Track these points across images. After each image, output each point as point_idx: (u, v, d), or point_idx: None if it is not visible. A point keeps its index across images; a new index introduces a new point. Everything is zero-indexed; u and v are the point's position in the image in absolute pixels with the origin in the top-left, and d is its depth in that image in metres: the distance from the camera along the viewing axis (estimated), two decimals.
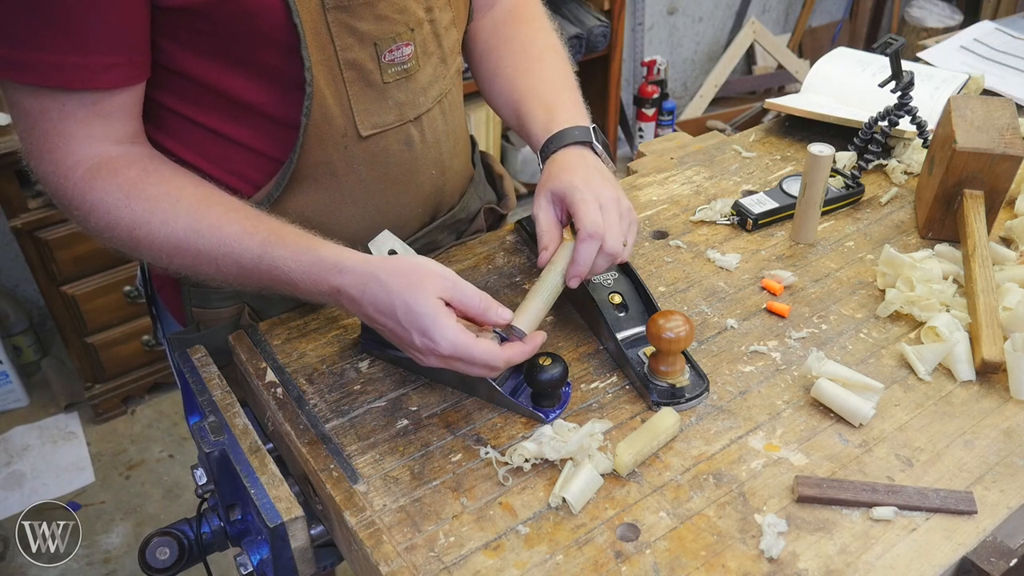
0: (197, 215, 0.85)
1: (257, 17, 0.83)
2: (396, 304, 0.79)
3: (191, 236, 0.85)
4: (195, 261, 0.86)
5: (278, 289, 0.87)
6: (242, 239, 0.84)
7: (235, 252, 0.84)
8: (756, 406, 0.91)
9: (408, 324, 0.79)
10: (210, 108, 0.91)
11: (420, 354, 0.82)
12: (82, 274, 2.17)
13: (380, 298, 0.80)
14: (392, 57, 0.93)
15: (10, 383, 2.43)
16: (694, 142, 1.39)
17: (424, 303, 0.79)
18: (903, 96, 1.18)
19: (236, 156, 0.94)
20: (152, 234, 0.85)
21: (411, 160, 1.02)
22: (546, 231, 0.92)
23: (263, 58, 0.87)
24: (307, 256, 0.83)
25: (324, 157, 0.95)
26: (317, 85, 0.89)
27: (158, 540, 0.88)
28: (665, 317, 0.86)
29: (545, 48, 1.10)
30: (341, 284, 0.82)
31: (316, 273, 0.83)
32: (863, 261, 1.12)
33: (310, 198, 0.98)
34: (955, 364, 0.94)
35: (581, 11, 2.93)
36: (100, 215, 0.85)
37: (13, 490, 2.25)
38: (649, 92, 3.37)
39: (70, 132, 0.83)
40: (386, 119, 0.96)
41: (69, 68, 0.79)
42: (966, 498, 0.79)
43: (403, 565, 0.75)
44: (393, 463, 0.85)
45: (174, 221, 0.84)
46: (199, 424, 0.88)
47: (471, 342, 0.79)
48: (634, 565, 0.75)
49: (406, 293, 0.79)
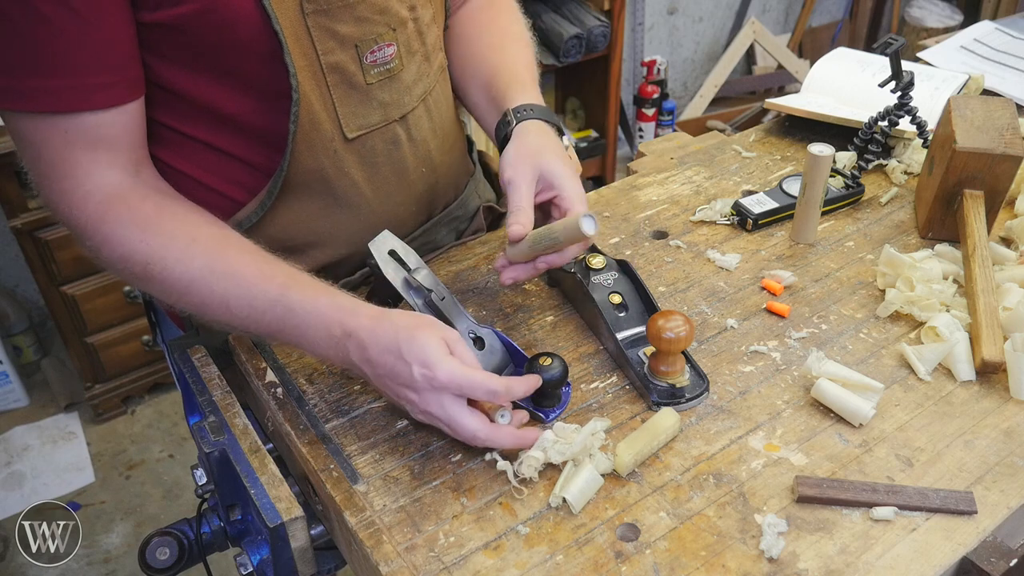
0: (214, 255, 0.84)
1: (236, 27, 0.82)
2: (400, 336, 0.79)
3: (207, 275, 0.84)
4: (206, 300, 0.85)
5: (284, 336, 0.85)
6: (260, 282, 0.84)
7: (251, 295, 0.84)
8: (756, 406, 0.91)
9: (409, 355, 0.78)
10: (199, 121, 0.91)
11: (416, 394, 0.80)
12: (82, 274, 2.17)
13: (388, 335, 0.79)
14: (374, 58, 0.93)
15: (10, 383, 2.43)
16: (694, 142, 1.39)
17: (428, 336, 0.79)
18: (903, 96, 1.17)
19: (229, 165, 0.95)
20: (167, 270, 0.84)
21: (400, 159, 1.01)
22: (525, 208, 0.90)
23: (247, 68, 0.87)
24: (324, 298, 0.83)
25: (315, 163, 0.94)
26: (303, 91, 0.89)
27: (158, 540, 0.88)
28: (665, 317, 0.86)
29: (519, 38, 1.12)
30: (356, 327, 0.81)
31: (332, 315, 0.82)
32: (863, 261, 1.12)
33: (304, 203, 0.98)
34: (955, 364, 0.94)
35: (581, 11, 2.93)
36: (114, 246, 0.84)
37: (13, 490, 2.26)
38: (649, 92, 3.37)
39: (75, 159, 0.83)
40: (371, 120, 0.96)
41: (60, 91, 0.79)
42: (966, 498, 0.79)
43: (403, 565, 0.75)
44: (393, 463, 0.85)
45: (190, 260, 0.84)
46: (199, 424, 0.88)
47: (471, 371, 0.79)
48: (634, 565, 0.75)
49: (414, 329, 0.79)
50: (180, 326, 1.11)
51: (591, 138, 3.22)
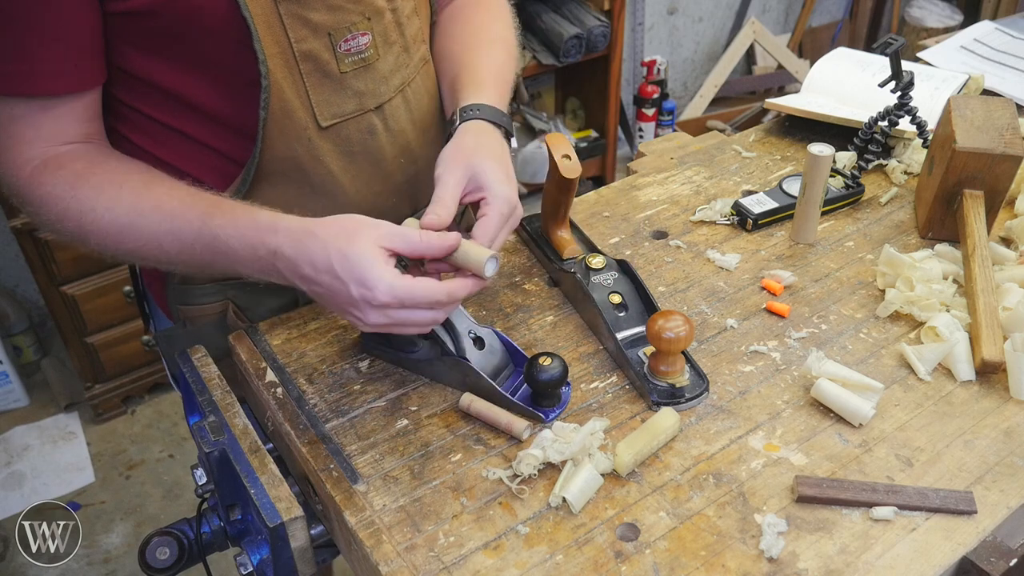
0: (139, 196, 0.86)
1: (205, 14, 0.83)
2: (332, 255, 0.78)
3: (134, 218, 0.85)
4: (139, 244, 0.86)
5: (220, 266, 0.86)
6: (183, 211, 0.85)
7: (176, 227, 0.85)
8: (756, 406, 0.91)
9: (345, 274, 0.77)
10: (172, 109, 0.92)
11: (359, 311, 0.79)
12: (82, 274, 2.17)
13: (316, 252, 0.78)
14: (348, 47, 0.93)
15: (10, 383, 2.43)
16: (694, 142, 1.39)
17: (361, 250, 0.77)
18: (903, 96, 1.17)
19: (203, 153, 0.95)
20: (97, 220, 0.85)
21: (376, 149, 1.01)
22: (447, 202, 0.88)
23: (217, 56, 0.87)
24: (244, 219, 0.83)
25: (288, 151, 0.95)
26: (274, 78, 0.89)
27: (158, 540, 0.88)
28: (665, 317, 0.86)
29: (495, 40, 1.11)
30: (277, 244, 0.81)
31: (253, 236, 0.82)
32: (863, 261, 1.12)
33: (280, 191, 0.98)
34: (955, 364, 0.94)
35: (581, 11, 2.93)
36: (50, 207, 0.86)
37: (13, 490, 2.25)
38: (649, 92, 3.37)
39: (19, 133, 0.85)
40: (346, 109, 0.96)
41: (14, 75, 0.81)
42: (966, 498, 0.79)
43: (403, 565, 0.75)
44: (393, 463, 0.85)
45: (117, 205, 0.85)
46: (199, 424, 0.88)
47: (411, 282, 0.78)
48: (634, 565, 0.75)
49: (342, 242, 0.78)
50: (171, 319, 1.11)
51: (591, 138, 3.21)
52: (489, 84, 1.02)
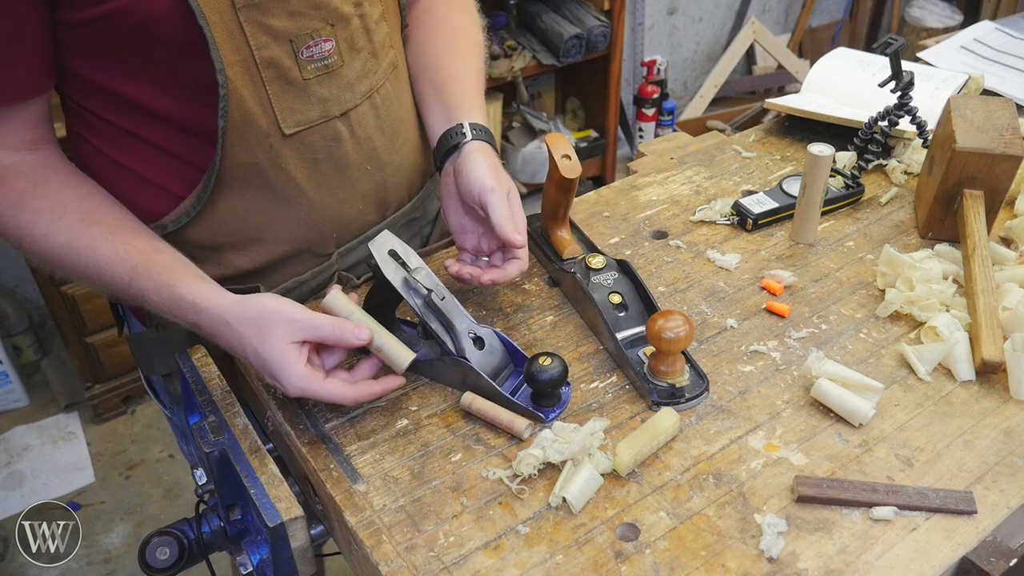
0: (76, 234, 0.88)
1: (159, 23, 0.82)
2: (247, 350, 0.84)
3: (68, 254, 0.88)
4: (75, 274, 0.90)
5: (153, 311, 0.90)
6: (113, 265, 0.87)
7: (106, 276, 0.88)
8: (756, 406, 0.91)
9: (259, 367, 0.84)
10: (132, 116, 0.92)
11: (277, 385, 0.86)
12: None
13: (232, 342, 0.85)
14: (311, 53, 0.92)
15: (10, 383, 2.43)
16: (694, 142, 1.39)
17: (272, 350, 0.82)
18: (903, 96, 1.17)
19: (165, 160, 0.95)
20: (35, 245, 0.88)
21: (341, 156, 1.00)
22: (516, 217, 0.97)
23: (173, 64, 0.87)
24: (167, 291, 0.87)
25: (249, 158, 0.94)
26: (234, 86, 0.88)
27: (158, 540, 0.87)
28: (665, 317, 0.86)
29: (473, 45, 1.14)
30: (197, 323, 0.86)
31: (174, 310, 0.87)
32: (863, 261, 1.12)
33: (242, 198, 0.97)
34: (955, 364, 0.94)
35: (581, 11, 2.93)
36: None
37: (13, 490, 2.26)
38: (649, 92, 3.37)
39: None
40: (309, 116, 0.96)
41: None
42: (966, 498, 0.79)
43: (403, 565, 0.75)
44: (393, 463, 0.85)
45: (54, 236, 0.88)
46: (199, 424, 0.88)
47: (316, 386, 0.83)
48: (634, 565, 0.75)
49: (255, 340, 0.83)
50: (140, 321, 1.11)
51: (591, 138, 3.22)
52: (479, 97, 1.08)
